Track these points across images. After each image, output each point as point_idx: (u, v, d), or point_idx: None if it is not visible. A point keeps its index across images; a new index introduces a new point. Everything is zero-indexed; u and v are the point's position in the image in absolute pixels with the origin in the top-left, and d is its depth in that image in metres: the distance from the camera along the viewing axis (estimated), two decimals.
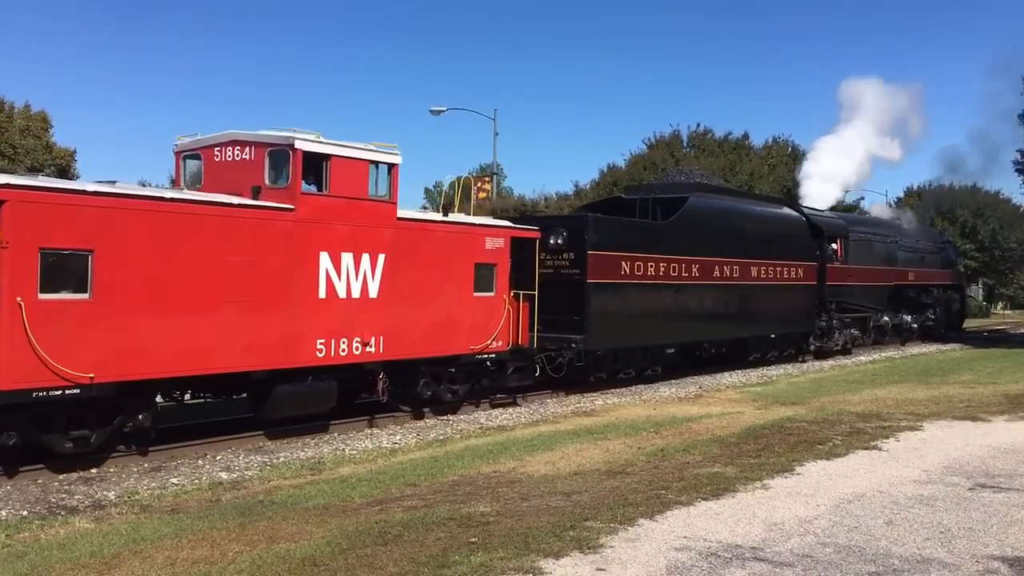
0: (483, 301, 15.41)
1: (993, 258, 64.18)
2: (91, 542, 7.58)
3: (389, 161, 13.61)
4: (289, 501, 9.08)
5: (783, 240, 24.48)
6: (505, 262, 15.81)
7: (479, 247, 15.34)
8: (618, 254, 18.37)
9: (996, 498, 9.08)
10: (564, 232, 17.71)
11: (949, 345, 33.06)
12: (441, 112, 36.14)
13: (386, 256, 13.64)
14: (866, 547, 7.30)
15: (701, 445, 12.02)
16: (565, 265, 17.75)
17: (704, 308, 21.03)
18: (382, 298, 13.59)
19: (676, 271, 20.01)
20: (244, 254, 11.82)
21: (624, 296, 18.51)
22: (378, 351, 13.54)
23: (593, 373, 18.27)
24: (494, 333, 15.53)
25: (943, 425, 13.80)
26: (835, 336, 27.30)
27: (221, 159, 12.97)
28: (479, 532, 7.54)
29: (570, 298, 17.35)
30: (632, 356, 19.40)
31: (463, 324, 15.00)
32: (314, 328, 12.70)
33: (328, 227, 12.85)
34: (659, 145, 50.74)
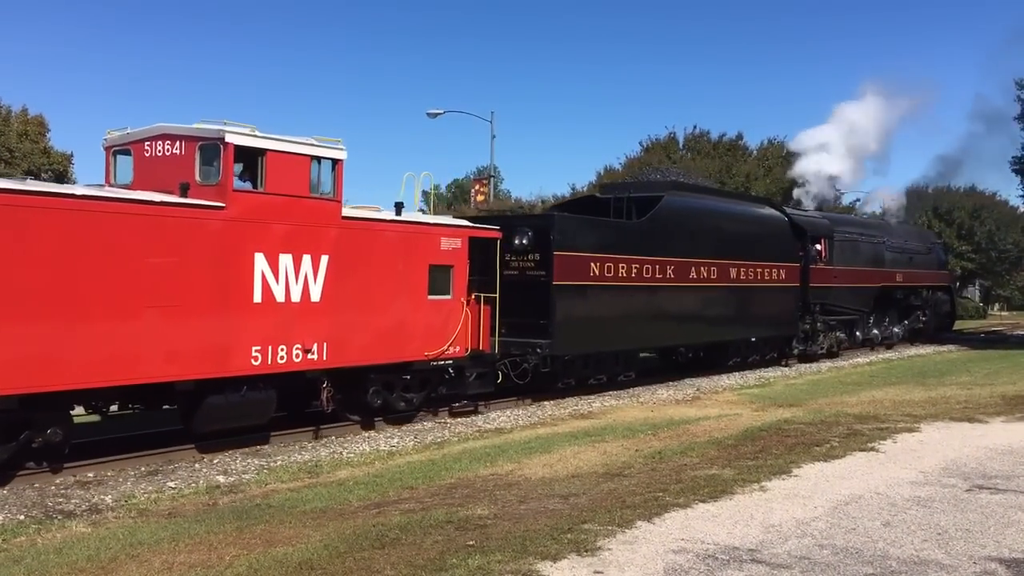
0: (439, 304, 14.63)
1: (990, 259, 64.30)
2: (88, 546, 7.57)
3: (333, 156, 12.81)
4: (286, 504, 9.07)
5: (764, 240, 23.78)
6: (463, 263, 15.07)
7: (434, 248, 14.55)
8: (587, 255, 17.64)
9: (993, 499, 9.09)
10: (530, 232, 17.01)
11: (946, 346, 33.06)
12: (438, 115, 36.15)
13: (330, 257, 12.82)
14: (864, 549, 7.30)
15: (699, 447, 12.03)
16: (531, 266, 17.05)
17: (680, 311, 20.27)
18: (326, 302, 12.79)
19: (650, 272, 19.28)
20: (168, 255, 11.00)
21: (594, 299, 17.78)
22: (321, 358, 12.74)
23: (561, 379, 17.59)
24: (451, 338, 14.81)
25: (940, 427, 13.81)
26: (820, 339, 26.68)
27: (151, 154, 12.21)
28: (477, 535, 7.54)
29: (536, 301, 16.69)
30: (603, 361, 18.68)
31: (417, 329, 14.24)
32: (249, 334, 11.86)
33: (264, 227, 12.02)
34: (655, 147, 50.83)
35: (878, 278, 30.28)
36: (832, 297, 27.21)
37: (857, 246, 29.18)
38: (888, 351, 30.48)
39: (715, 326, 21.75)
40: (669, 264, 19.84)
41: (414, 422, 14.70)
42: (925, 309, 34.40)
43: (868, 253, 29.88)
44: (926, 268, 34.95)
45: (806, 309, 25.89)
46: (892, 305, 32.14)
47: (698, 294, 20.84)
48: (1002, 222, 64.05)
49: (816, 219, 27.87)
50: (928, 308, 34.64)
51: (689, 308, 20.53)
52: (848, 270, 28.10)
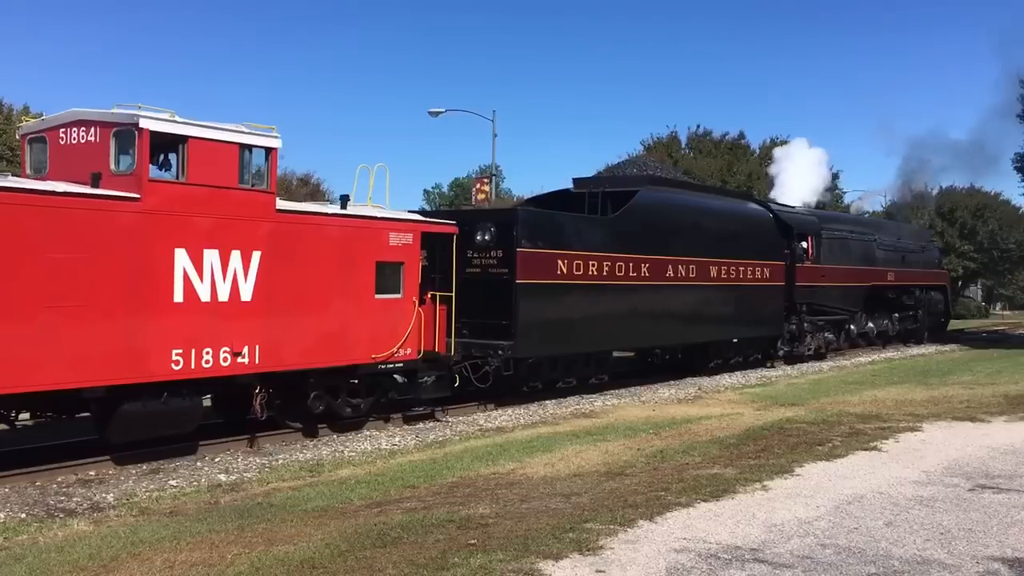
0: (388, 304, 13.71)
1: (992, 259, 64.34)
2: (89, 545, 7.57)
3: (265, 145, 11.96)
4: (288, 503, 9.07)
5: (747, 237, 22.90)
6: (415, 260, 14.16)
7: (382, 243, 13.61)
8: (554, 252, 16.73)
9: (996, 499, 9.08)
10: (492, 228, 16.19)
11: (948, 346, 33.04)
12: (440, 113, 36.06)
13: (263, 253, 11.91)
14: (866, 548, 7.29)
15: (700, 446, 12.02)
16: (493, 264, 16.19)
17: (655, 311, 19.37)
18: (258, 302, 11.87)
19: (622, 271, 18.38)
20: (72, 251, 10.06)
21: (561, 298, 16.90)
22: (253, 362, 11.79)
23: (527, 383, 16.81)
24: (401, 340, 13.84)
25: (943, 426, 13.80)
26: (807, 340, 25.80)
27: (66, 142, 11.35)
28: (478, 534, 7.53)
29: (498, 300, 15.88)
30: (573, 364, 17.84)
31: (362, 330, 13.32)
32: (168, 337, 10.93)
33: (186, 220, 11.10)
34: (657, 146, 50.84)
35: (868, 277, 29.55)
36: (819, 297, 26.45)
37: (846, 244, 28.48)
38: (889, 351, 30.41)
39: (694, 327, 20.95)
40: (643, 262, 19.02)
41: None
42: (918, 309, 33.64)
43: (858, 251, 29.17)
44: (920, 267, 34.20)
45: (792, 309, 25.10)
46: (884, 305, 31.46)
47: (675, 293, 20.01)
48: (1005, 221, 64.09)
49: (803, 216, 27.11)
50: (921, 308, 33.87)
51: (665, 308, 19.72)
52: (836, 268, 27.34)
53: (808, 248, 25.95)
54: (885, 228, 33.49)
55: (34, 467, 10.78)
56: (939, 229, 62.38)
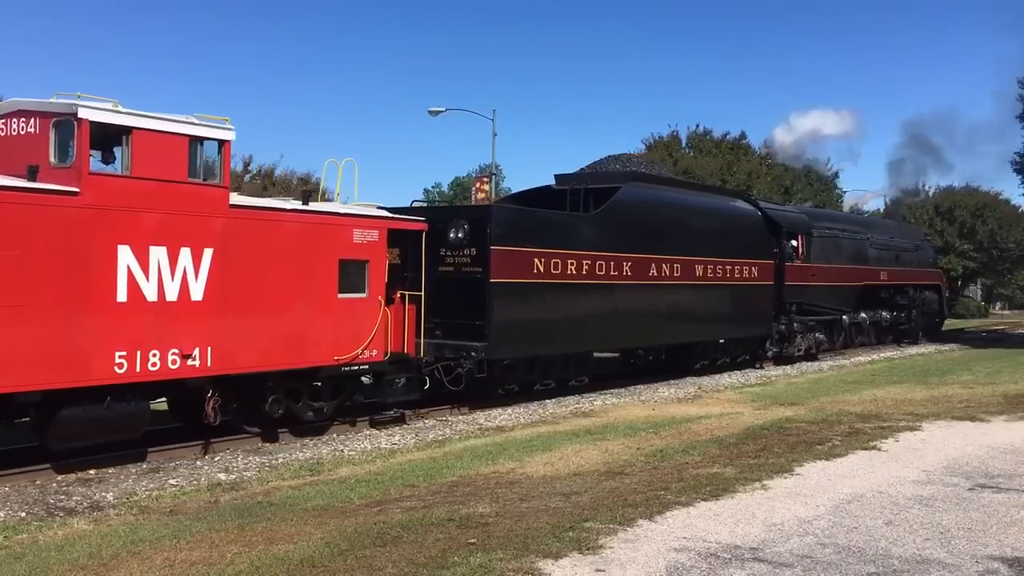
0: (352, 304, 13.18)
1: (991, 258, 64.36)
2: (89, 543, 7.57)
3: (217, 137, 11.41)
4: (288, 502, 9.07)
5: (734, 236, 22.37)
6: (380, 258, 13.59)
7: (345, 240, 13.08)
8: (530, 250, 16.19)
9: (995, 498, 9.09)
10: (466, 225, 15.63)
11: (948, 345, 33.05)
12: (440, 113, 36.03)
13: (215, 251, 11.36)
14: (866, 547, 7.30)
15: (700, 446, 12.02)
16: (467, 262, 15.67)
17: (638, 311, 18.84)
18: (210, 301, 11.33)
19: (603, 269, 17.82)
20: (5, 248, 9.62)
21: (538, 298, 16.39)
22: (204, 364, 11.26)
23: (502, 385, 16.24)
24: (366, 341, 13.31)
25: (942, 425, 13.81)
26: (796, 340, 25.25)
27: (6, 133, 10.83)
28: (478, 533, 7.54)
29: (471, 300, 15.41)
30: (551, 365, 17.31)
31: (325, 331, 12.81)
32: (111, 338, 10.39)
33: (130, 216, 10.56)
34: (658, 145, 50.86)
35: (860, 276, 29.03)
36: (810, 296, 25.92)
37: (838, 242, 27.97)
38: (887, 350, 30.41)
39: (678, 327, 20.42)
40: (625, 260, 18.48)
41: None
42: (912, 309, 33.07)
43: (850, 250, 28.70)
44: (913, 266, 33.74)
45: (781, 309, 24.60)
46: (877, 305, 31.05)
47: (659, 293, 19.49)
48: (1004, 221, 64.10)
49: (792, 214, 26.70)
50: (915, 308, 33.31)
51: (648, 308, 19.21)
52: (827, 268, 26.81)
53: (798, 247, 25.51)
54: (878, 227, 33.05)
55: (34, 466, 10.73)
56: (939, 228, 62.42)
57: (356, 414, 14.16)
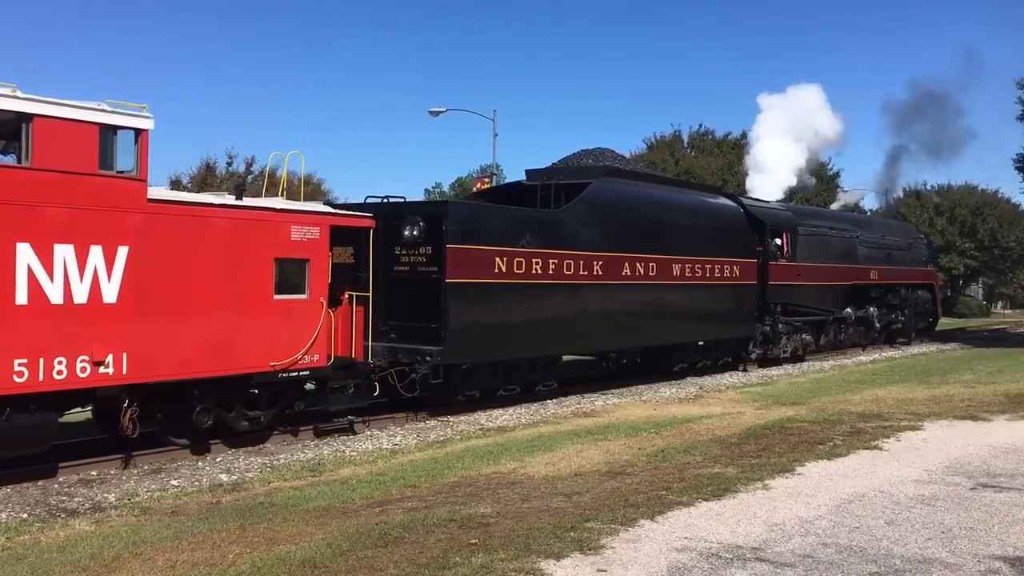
0: (290, 305, 12.39)
1: (993, 257, 64.34)
2: (91, 544, 7.58)
3: (133, 126, 10.55)
4: (289, 503, 9.08)
5: (715, 233, 21.48)
6: (323, 256, 12.80)
7: (282, 238, 12.29)
8: (491, 248, 15.34)
9: (997, 498, 9.08)
10: (421, 222, 14.76)
11: (949, 344, 33.01)
12: (440, 113, 36.10)
13: (131, 249, 10.51)
14: (867, 547, 7.30)
15: (702, 446, 12.02)
16: (422, 262, 14.84)
17: (610, 312, 17.98)
18: (125, 304, 10.44)
19: (572, 269, 16.98)
20: None
21: (500, 299, 15.55)
22: (119, 372, 10.39)
23: (461, 391, 15.43)
24: (307, 345, 12.53)
25: (944, 425, 13.81)
26: (782, 342, 24.28)
27: None
28: (479, 533, 7.54)
29: (427, 301, 14.63)
30: (515, 369, 16.43)
31: (259, 335, 11.98)
32: (10, 345, 9.55)
33: (31, 210, 9.69)
34: (659, 145, 50.87)
35: (849, 275, 28.02)
36: (795, 296, 24.93)
37: (825, 241, 27.05)
38: (887, 350, 30.38)
39: (654, 328, 19.53)
40: (596, 259, 17.58)
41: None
42: (904, 309, 32.07)
43: (838, 248, 27.75)
44: (906, 265, 32.71)
45: (765, 309, 23.68)
46: (867, 304, 30.07)
47: (633, 293, 18.62)
48: (1005, 220, 64.06)
49: (777, 211, 25.68)
50: (908, 307, 32.29)
51: (622, 308, 18.31)
52: (814, 267, 25.86)
53: (783, 245, 24.69)
54: (869, 224, 32.02)
55: (36, 467, 10.67)
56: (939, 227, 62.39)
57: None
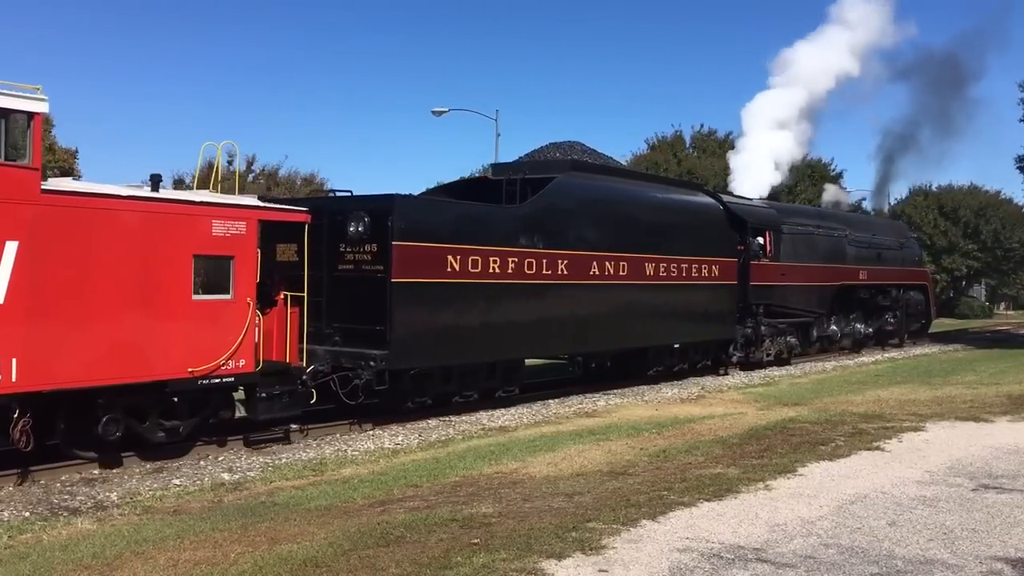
0: (211, 307, 11.39)
1: (995, 258, 64.32)
2: (93, 543, 7.59)
3: (24, 109, 9.73)
4: (291, 502, 9.09)
5: (692, 231, 20.48)
6: (249, 253, 11.79)
7: (202, 233, 11.25)
8: (443, 246, 14.44)
9: (999, 499, 9.08)
10: (366, 218, 13.84)
11: (951, 345, 32.98)
12: (443, 113, 36.12)
13: (21, 244, 9.59)
14: (869, 548, 7.30)
15: (703, 446, 12.02)
16: (367, 260, 13.93)
17: (576, 314, 17.03)
18: (14, 305, 9.54)
19: (534, 268, 16.00)
20: None
21: (453, 300, 14.60)
22: (8, 379, 9.50)
23: (411, 398, 14.43)
24: (231, 349, 11.48)
25: (946, 426, 13.80)
26: (764, 344, 23.30)
27: None
28: (481, 533, 7.55)
29: (372, 303, 13.72)
30: (473, 375, 15.47)
31: (175, 338, 10.95)
32: None
33: None
34: (661, 146, 50.88)
35: (837, 275, 27.02)
36: (779, 297, 23.89)
37: (812, 239, 26.04)
38: (894, 351, 30.34)
39: (625, 331, 18.49)
40: (560, 258, 16.59)
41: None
42: (895, 310, 31.05)
43: (825, 247, 26.71)
44: (897, 265, 31.67)
45: (747, 311, 22.66)
46: (856, 306, 29.05)
47: (601, 293, 17.64)
48: (1008, 221, 64.05)
49: (760, 209, 24.60)
50: (899, 309, 31.27)
51: (589, 310, 17.35)
52: (799, 266, 24.83)
53: (766, 244, 23.58)
54: (858, 223, 30.95)
55: (38, 466, 10.66)
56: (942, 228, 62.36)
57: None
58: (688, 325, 20.54)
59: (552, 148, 23.37)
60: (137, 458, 11.55)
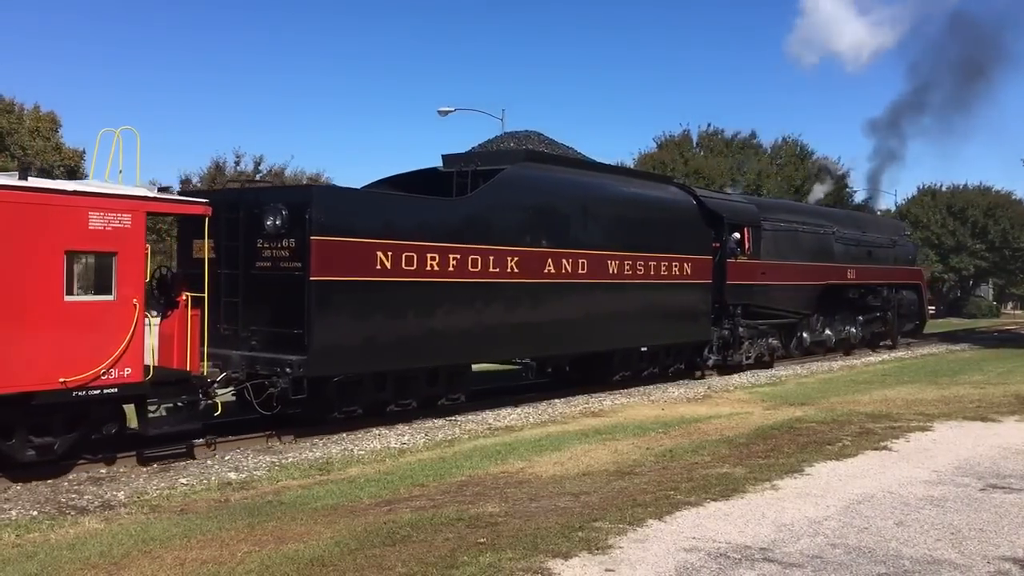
0: (89, 309, 10.22)
1: (1003, 258, 64.18)
2: (101, 542, 7.60)
3: None
4: (298, 502, 9.10)
5: (660, 227, 19.23)
6: (136, 249, 10.60)
7: (76, 226, 10.10)
8: (372, 241, 13.18)
9: (1007, 499, 9.05)
10: (283, 210, 12.65)
11: (959, 345, 32.88)
12: (449, 112, 36.10)
13: None
14: (876, 548, 7.28)
15: (710, 446, 12.01)
16: (285, 257, 12.74)
17: (529, 315, 15.84)
18: None
19: (479, 265, 14.78)
20: None
21: (385, 300, 13.35)
22: None
23: (339, 407, 13.31)
24: (113, 356, 10.30)
25: (953, 425, 13.76)
26: (743, 347, 22.19)
27: None
28: (487, 533, 7.55)
29: (290, 304, 12.62)
30: (410, 382, 14.29)
31: (44, 344, 9.77)
32: None
33: None
34: (669, 145, 50.83)
35: (823, 274, 25.92)
36: (758, 297, 22.77)
37: (795, 237, 24.95)
38: (899, 350, 30.26)
39: (585, 333, 17.23)
40: (509, 255, 15.35)
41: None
42: (886, 310, 30.01)
43: (810, 245, 25.59)
44: (889, 263, 30.73)
45: (724, 311, 21.55)
46: (844, 306, 28.02)
47: (557, 293, 16.44)
48: (1016, 221, 63.94)
49: (738, 204, 23.45)
50: (890, 309, 30.18)
51: (544, 311, 16.15)
52: (780, 265, 23.70)
53: (744, 241, 22.36)
54: (847, 220, 29.98)
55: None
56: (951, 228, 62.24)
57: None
58: (657, 327, 19.28)
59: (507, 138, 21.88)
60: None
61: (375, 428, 14.03)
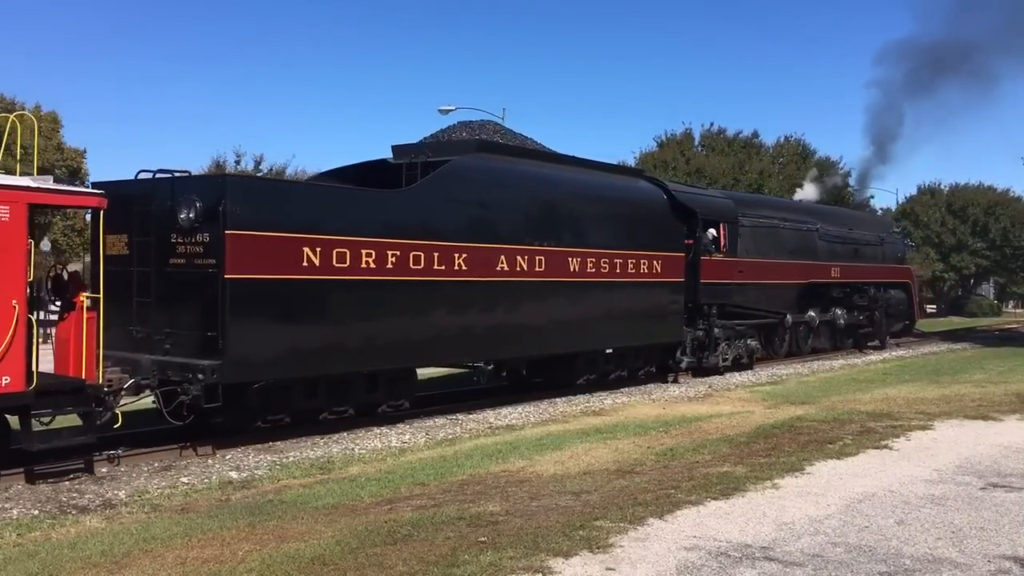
0: None
1: (1004, 256, 64.16)
2: (102, 541, 7.61)
3: None
4: (299, 500, 9.10)
5: (627, 223, 18.31)
6: (16, 244, 9.55)
7: None
8: (297, 236, 12.23)
9: (1008, 497, 9.05)
10: (197, 203, 11.61)
11: (960, 344, 32.86)
12: (450, 111, 36.10)
13: None
14: (877, 547, 7.28)
15: (711, 444, 12.01)
16: (199, 253, 11.74)
17: (479, 316, 14.96)
18: None
19: (423, 262, 13.84)
20: None
21: (313, 299, 12.44)
22: None
23: (263, 416, 12.47)
24: None
25: (954, 424, 13.76)
26: (720, 348, 21.23)
27: None
28: (488, 531, 7.55)
29: (204, 304, 11.67)
30: (346, 388, 13.38)
31: None
32: None
33: None
34: (670, 143, 50.82)
35: (805, 273, 25.09)
36: (736, 296, 21.91)
37: (775, 233, 24.11)
38: (899, 349, 30.24)
39: (544, 335, 16.27)
40: (457, 251, 14.43)
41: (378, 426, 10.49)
42: (873, 310, 29.01)
43: (792, 242, 24.79)
44: (876, 261, 30.03)
45: (698, 311, 20.64)
46: (829, 305, 27.26)
47: (511, 292, 15.50)
48: (1017, 219, 63.91)
49: (712, 198, 22.39)
50: (878, 309, 29.18)
51: (496, 311, 15.27)
52: (759, 263, 22.89)
53: (720, 237, 21.42)
54: (833, 216, 29.11)
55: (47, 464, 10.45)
56: (951, 226, 62.22)
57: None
58: (624, 328, 18.21)
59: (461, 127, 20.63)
60: (145, 456, 11.45)
61: (376, 427, 14.04)
